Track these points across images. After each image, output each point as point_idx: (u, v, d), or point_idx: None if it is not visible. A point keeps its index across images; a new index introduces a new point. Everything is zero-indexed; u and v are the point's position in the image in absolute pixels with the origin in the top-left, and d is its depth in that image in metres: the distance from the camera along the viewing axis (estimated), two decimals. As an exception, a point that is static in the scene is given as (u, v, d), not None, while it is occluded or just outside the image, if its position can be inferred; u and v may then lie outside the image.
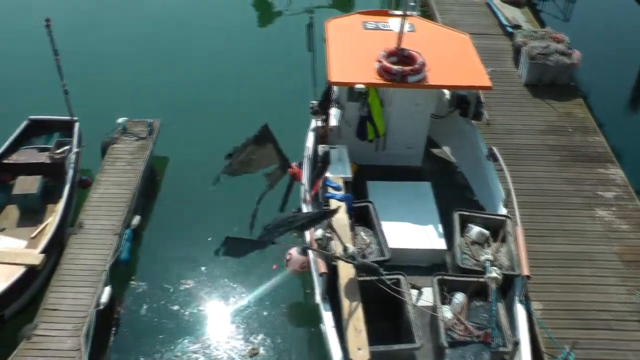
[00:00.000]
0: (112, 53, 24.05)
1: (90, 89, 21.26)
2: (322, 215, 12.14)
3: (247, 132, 14.25)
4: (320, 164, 14.09)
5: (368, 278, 11.71)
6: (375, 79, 14.55)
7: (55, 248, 15.42)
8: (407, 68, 14.37)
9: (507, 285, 12.39)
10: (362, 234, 13.24)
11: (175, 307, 15.14)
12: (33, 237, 16.02)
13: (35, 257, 14.51)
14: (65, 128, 18.14)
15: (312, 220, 12.01)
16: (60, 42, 16.49)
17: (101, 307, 14.03)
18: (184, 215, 17.29)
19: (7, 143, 17.76)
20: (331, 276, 11.89)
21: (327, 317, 11.73)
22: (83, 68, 22.05)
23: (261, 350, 14.29)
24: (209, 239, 16.31)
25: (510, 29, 23.44)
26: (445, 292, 12.12)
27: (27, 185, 16.71)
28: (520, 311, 12.00)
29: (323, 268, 11.96)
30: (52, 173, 17.17)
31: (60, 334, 13.46)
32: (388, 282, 11.54)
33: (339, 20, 16.90)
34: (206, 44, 24.73)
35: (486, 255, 12.51)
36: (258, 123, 13.65)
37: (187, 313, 15.04)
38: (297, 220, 11.77)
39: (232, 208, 16.40)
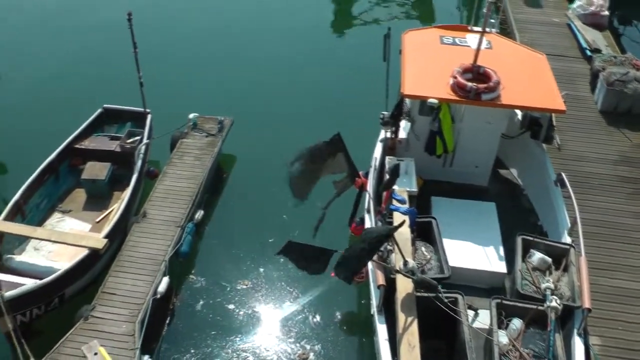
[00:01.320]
0: (189, 49, 24.47)
1: (165, 83, 21.66)
2: (391, 232, 11.97)
3: (316, 137, 14.26)
4: (389, 176, 14.01)
5: (426, 294, 11.63)
6: (448, 94, 14.43)
7: (118, 234, 15.73)
8: (482, 86, 14.22)
9: (567, 316, 12.12)
10: (423, 249, 13.13)
11: (231, 306, 15.27)
12: (97, 222, 16.48)
13: (98, 241, 14.80)
14: (138, 119, 18.54)
15: (381, 240, 11.83)
16: (139, 36, 16.88)
17: (158, 296, 14.28)
18: (246, 214, 17.42)
19: (80, 129, 18.28)
20: (389, 289, 11.84)
21: (381, 330, 11.67)
22: (159, 62, 22.42)
23: (311, 356, 14.30)
24: (270, 240, 16.44)
25: (589, 53, 22.89)
26: (503, 317, 11.92)
27: (96, 171, 17.16)
28: (577, 344, 11.73)
29: (381, 280, 11.91)
30: (121, 161, 17.57)
31: (116, 317, 13.78)
32: (445, 301, 11.44)
33: (417, 33, 16.82)
34: (282, 46, 24.85)
35: (547, 283, 12.23)
36: (327, 128, 13.59)
37: (241, 312, 15.15)
38: (370, 244, 11.58)
39: (296, 211, 16.38)
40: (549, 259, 12.92)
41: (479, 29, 15.62)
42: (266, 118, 20.59)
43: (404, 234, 12.64)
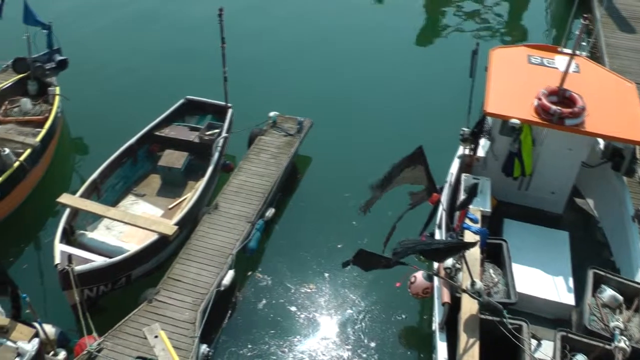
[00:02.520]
0: (276, 49, 24.65)
1: (248, 79, 21.89)
2: (462, 247, 11.87)
3: (393, 147, 14.17)
4: (467, 195, 13.82)
5: (490, 318, 11.45)
6: (531, 116, 14.15)
7: (189, 223, 15.99)
8: (566, 110, 13.90)
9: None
10: (491, 271, 12.93)
11: (293, 308, 15.32)
12: (170, 208, 16.83)
13: (169, 227, 15.07)
14: (218, 112, 18.85)
15: (450, 250, 11.74)
16: (228, 32, 17.21)
17: (222, 288, 14.48)
18: (317, 217, 17.45)
19: (161, 117, 18.73)
20: (453, 307, 11.71)
21: (442, 348, 11.55)
22: (245, 59, 22.67)
23: (367, 366, 14.25)
24: (339, 246, 16.46)
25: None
26: (567, 351, 11.59)
27: (173, 159, 17.51)
28: (643, 391, 11.36)
29: (447, 298, 11.79)
30: (199, 152, 17.90)
31: (179, 304, 14.04)
32: (509, 327, 11.23)
33: (504, 51, 16.57)
34: (368, 53, 24.73)
35: (617, 322, 11.82)
36: (405, 139, 13.51)
37: (302, 316, 15.18)
38: (434, 245, 11.55)
39: (367, 219, 16.31)
40: (621, 297, 12.49)
41: (568, 51, 15.29)
42: (346, 123, 20.59)
43: (473, 253, 12.47)
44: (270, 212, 16.65)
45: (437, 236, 14.26)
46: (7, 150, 16.98)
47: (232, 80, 18.20)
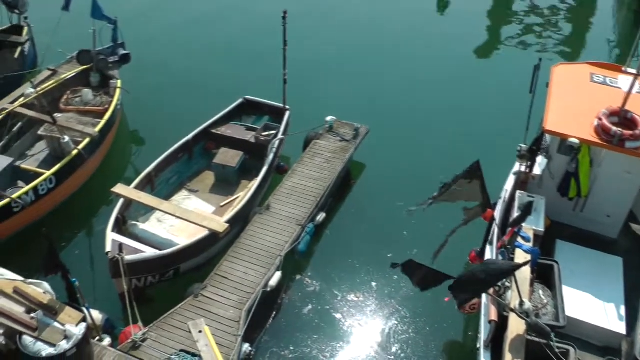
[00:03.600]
0: (337, 54, 24.78)
1: (308, 83, 21.95)
2: (513, 269, 11.66)
3: (448, 159, 13.99)
4: (521, 212, 13.61)
5: (537, 339, 11.24)
6: (591, 136, 13.85)
7: (239, 222, 16.08)
8: (627, 132, 13.53)
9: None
10: (541, 292, 12.70)
11: (338, 315, 15.24)
12: (222, 206, 16.99)
13: (220, 224, 15.18)
14: (276, 114, 18.97)
15: (502, 274, 11.53)
16: (291, 35, 17.33)
17: (268, 289, 14.53)
18: (368, 225, 17.36)
19: (219, 115, 18.95)
20: (499, 326, 11.53)
21: (486, 366, 11.40)
22: (306, 62, 22.65)
23: (409, 379, 14.14)
24: (389, 256, 16.29)
25: None
26: (614, 380, 11.35)
27: (228, 157, 17.68)
28: None
29: (494, 315, 11.62)
30: (254, 152, 18.02)
31: (224, 301, 14.14)
32: (557, 351, 11.00)
33: (567, 68, 16.25)
34: (429, 64, 24.59)
35: (669, 355, 11.53)
36: (461, 152, 13.28)
37: (346, 323, 15.10)
38: (489, 275, 11.35)
39: (419, 230, 16.32)
40: (675, 330, 12.18)
41: (633, 71, 14.96)
42: (401, 133, 20.51)
43: (523, 273, 12.25)
44: (321, 216, 16.65)
45: (488, 252, 14.06)
46: (66, 138, 17.40)
47: (291, 83, 18.30)
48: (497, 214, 14.49)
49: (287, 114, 18.61)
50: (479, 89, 23.05)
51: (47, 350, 11.72)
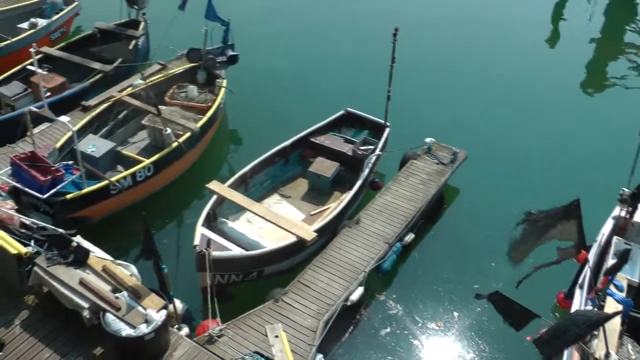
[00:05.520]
0: (445, 76, 24.38)
1: (410, 101, 21.69)
2: (602, 320, 11.09)
3: (546, 194, 13.43)
4: (617, 260, 12.99)
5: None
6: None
7: (327, 232, 15.96)
8: None
9: None
10: (630, 347, 12.04)
11: (416, 342, 14.84)
12: (312, 215, 16.91)
13: (308, 232, 15.10)
14: (375, 129, 18.81)
15: (590, 326, 10.97)
16: (400, 51, 17.15)
17: (348, 303, 14.32)
18: (456, 252, 16.91)
19: (319, 124, 18.96)
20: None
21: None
22: (411, 81, 22.42)
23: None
24: (475, 286, 15.81)
25: None
26: None
27: (323, 167, 17.64)
28: None
29: (577, 363, 11.06)
30: (349, 165, 17.92)
31: (304, 309, 14.00)
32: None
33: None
34: (533, 89, 23.95)
35: None
36: (560, 188, 12.75)
37: (423, 351, 14.67)
38: (577, 329, 10.84)
39: (507, 262, 15.66)
40: None
41: None
42: (500, 162, 19.98)
43: (613, 323, 11.67)
44: (410, 237, 16.34)
45: (577, 296, 13.46)
46: (168, 130, 17.77)
47: (393, 99, 18.11)
48: (591, 257, 13.88)
49: (387, 130, 18.42)
50: (584, 124, 22.22)
51: (127, 331, 11.86)
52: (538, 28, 28.58)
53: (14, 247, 12.90)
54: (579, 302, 13.13)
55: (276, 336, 13.30)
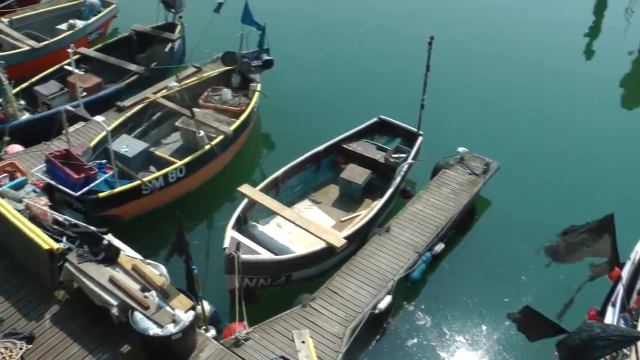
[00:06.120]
0: (476, 84, 24.18)
1: (444, 109, 21.50)
2: (636, 338, 10.88)
3: (581, 209, 13.19)
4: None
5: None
6: None
7: (357, 239, 15.88)
8: None
9: None
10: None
11: (443, 354, 14.65)
12: (342, 221, 16.86)
13: (338, 239, 15.00)
14: (408, 137, 18.70)
15: (623, 342, 10.77)
16: (436, 59, 17.12)
17: (376, 311, 14.22)
18: (487, 264, 16.67)
19: (352, 131, 18.91)
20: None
21: None
22: (445, 89, 22.06)
23: None
24: (504, 300, 15.62)
25: None
26: None
27: (355, 174, 17.58)
28: None
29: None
30: (381, 172, 17.86)
31: (331, 316, 13.90)
32: None
33: None
34: (570, 101, 23.55)
35: None
36: (592, 201, 12.49)
37: (450, 365, 14.59)
38: (607, 340, 10.64)
39: (538, 277, 15.53)
40: None
41: None
42: (533, 175, 19.66)
43: (646, 343, 11.43)
44: (440, 247, 16.18)
45: (609, 314, 13.18)
46: (201, 133, 17.86)
47: (426, 107, 17.99)
48: (625, 274, 13.58)
49: (420, 139, 18.31)
50: (621, 137, 21.79)
51: (154, 330, 11.89)
52: (575, 39, 28.22)
53: (47, 242, 13.04)
54: (610, 320, 12.85)
55: (303, 342, 13.23)
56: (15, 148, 17.76)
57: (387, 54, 25.83)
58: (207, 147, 17.71)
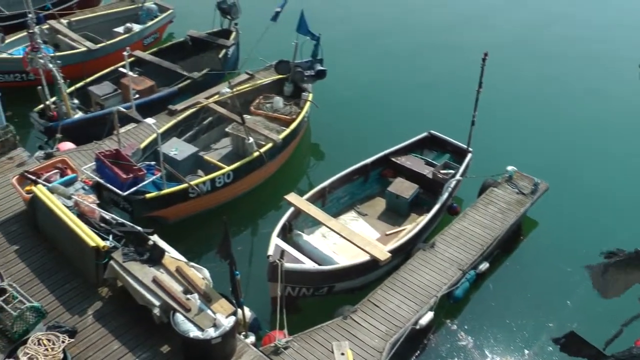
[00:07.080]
0: (528, 103, 23.89)
1: (494, 127, 21.33)
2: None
3: (627, 232, 12.80)
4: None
5: None
6: None
7: (401, 254, 15.77)
8: None
9: None
10: None
11: (482, 378, 14.51)
12: (387, 235, 16.75)
13: (382, 252, 14.92)
14: (457, 154, 18.56)
15: None
16: (490, 75, 16.92)
17: (417, 327, 14.07)
18: (531, 286, 16.38)
19: (401, 144, 18.83)
20: None
21: None
22: (496, 106, 22.04)
23: None
24: (549, 325, 15.35)
25: None
26: None
27: (402, 188, 17.48)
28: None
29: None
30: (429, 188, 17.74)
31: (371, 329, 13.77)
32: None
33: None
34: (620, 124, 23.04)
35: None
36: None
37: (488, 390, 14.34)
38: None
39: (584, 303, 15.18)
40: None
41: None
42: (582, 198, 19.28)
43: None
44: (485, 266, 15.93)
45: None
46: (251, 139, 17.93)
47: (477, 125, 17.81)
48: None
49: (469, 155, 18.14)
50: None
51: (194, 332, 11.94)
52: (629, 60, 27.54)
53: (93, 239, 13.22)
54: (658, 351, 12.51)
55: (342, 354, 13.12)
56: (67, 145, 18.07)
57: (439, 67, 25.78)
58: (256, 154, 17.79)
